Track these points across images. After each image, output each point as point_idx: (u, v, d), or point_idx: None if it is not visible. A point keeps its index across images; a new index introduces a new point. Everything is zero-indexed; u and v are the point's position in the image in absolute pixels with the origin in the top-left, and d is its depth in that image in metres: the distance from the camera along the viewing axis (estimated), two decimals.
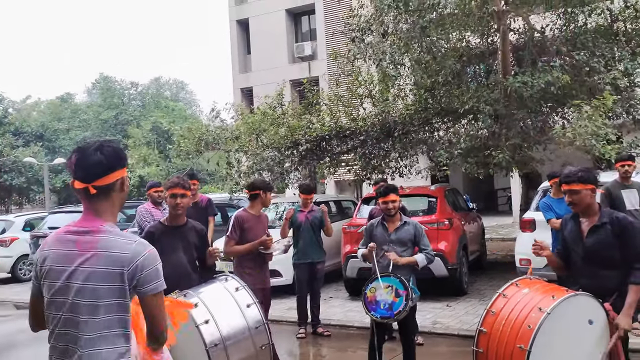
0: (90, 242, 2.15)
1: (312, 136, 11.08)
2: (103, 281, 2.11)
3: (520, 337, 3.13)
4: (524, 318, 3.19)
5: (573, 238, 3.56)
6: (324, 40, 23.12)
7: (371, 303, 4.42)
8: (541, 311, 3.13)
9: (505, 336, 3.22)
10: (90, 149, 2.23)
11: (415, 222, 4.88)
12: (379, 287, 4.39)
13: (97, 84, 44.76)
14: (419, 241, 4.75)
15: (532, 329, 3.09)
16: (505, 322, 3.26)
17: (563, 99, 8.95)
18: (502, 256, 12.29)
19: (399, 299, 4.33)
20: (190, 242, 4.05)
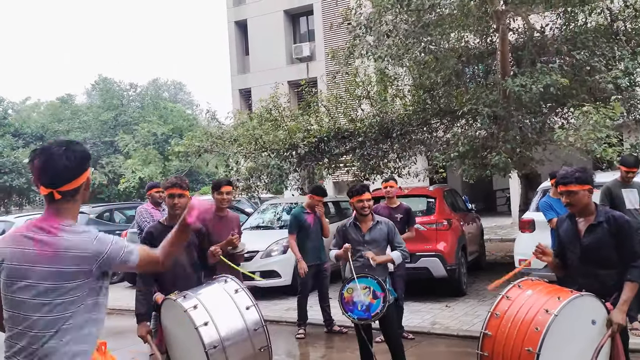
0: (50, 242, 2.13)
1: (310, 140, 11.07)
2: (63, 279, 2.10)
3: (527, 340, 3.10)
4: (531, 320, 3.16)
5: (569, 238, 3.56)
6: (322, 41, 23.13)
7: (348, 304, 4.40)
8: (548, 313, 3.11)
9: (511, 339, 3.18)
10: (55, 153, 2.17)
11: (387, 221, 4.85)
12: (356, 288, 4.37)
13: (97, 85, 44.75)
14: (393, 239, 4.73)
15: (540, 331, 3.07)
16: (511, 325, 3.22)
17: (563, 99, 8.95)
18: (501, 257, 12.29)
19: (377, 300, 4.32)
20: (190, 242, 4.04)
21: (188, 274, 3.99)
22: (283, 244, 9.15)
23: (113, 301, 10.03)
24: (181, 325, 3.55)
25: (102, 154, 35.62)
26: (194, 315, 3.42)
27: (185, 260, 4.00)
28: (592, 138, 7.21)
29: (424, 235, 8.24)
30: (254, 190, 11.88)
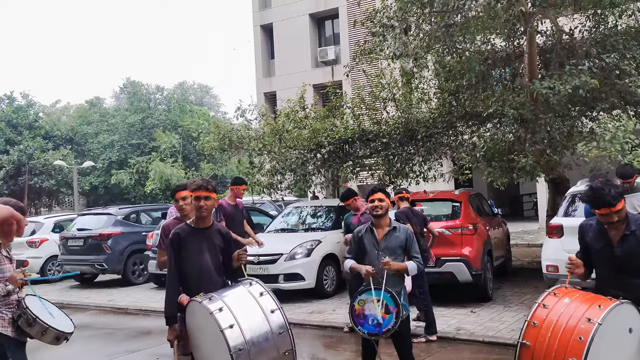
0: None
1: (335, 138, 11.08)
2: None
3: (570, 350, 3.00)
4: (573, 329, 3.05)
5: (601, 247, 3.46)
6: (347, 45, 23.12)
7: (359, 317, 4.15)
8: (591, 322, 3.01)
9: (552, 349, 3.07)
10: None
11: (405, 228, 4.51)
12: (368, 300, 4.13)
13: (125, 88, 45.50)
14: (410, 249, 4.40)
15: (584, 340, 2.97)
16: (551, 335, 3.10)
17: (592, 102, 8.78)
18: (527, 262, 12.11)
19: (389, 315, 4.06)
20: (216, 244, 4.05)
21: (213, 276, 4.01)
22: (307, 247, 9.17)
23: (138, 301, 10.23)
24: (206, 327, 3.57)
25: (129, 156, 36.17)
26: (220, 317, 3.44)
27: (210, 263, 4.02)
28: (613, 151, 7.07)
29: (449, 239, 8.17)
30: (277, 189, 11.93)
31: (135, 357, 6.99)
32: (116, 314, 9.82)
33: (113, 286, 12.28)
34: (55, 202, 38.40)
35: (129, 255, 12.25)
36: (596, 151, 7.33)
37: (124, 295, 11.14)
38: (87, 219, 13.29)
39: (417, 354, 4.70)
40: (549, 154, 8.44)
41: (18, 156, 33.23)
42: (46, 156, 33.66)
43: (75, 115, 45.56)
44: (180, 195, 4.75)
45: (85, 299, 11.07)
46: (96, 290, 12.02)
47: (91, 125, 39.90)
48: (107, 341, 7.99)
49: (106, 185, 36.07)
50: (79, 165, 30.25)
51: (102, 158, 36.39)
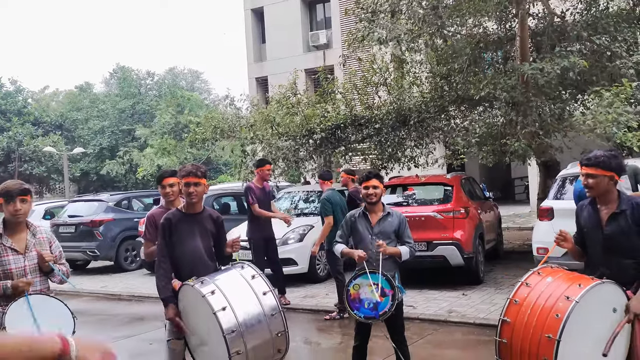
0: None
1: (327, 125, 11.05)
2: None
3: (547, 327, 3.05)
4: (551, 307, 3.10)
5: (592, 226, 3.49)
6: (339, 29, 23.00)
7: (354, 301, 4.13)
8: (569, 300, 3.06)
9: (531, 326, 3.13)
10: None
11: (398, 213, 4.50)
12: (363, 284, 4.12)
13: (115, 74, 45.07)
14: (402, 233, 4.41)
15: (560, 318, 3.02)
16: (531, 312, 3.17)
17: (583, 85, 8.81)
18: (518, 245, 12.21)
19: (385, 298, 4.05)
20: (207, 229, 4.05)
21: (205, 261, 4.00)
22: (299, 232, 9.19)
23: (131, 288, 10.24)
24: (199, 311, 3.58)
25: (120, 142, 35.95)
26: (212, 300, 3.45)
27: (202, 248, 4.02)
28: (610, 121, 7.09)
29: (441, 223, 8.21)
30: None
31: (129, 342, 7.01)
32: (109, 300, 9.82)
33: (106, 273, 12.26)
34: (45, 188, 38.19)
35: (121, 241, 12.22)
36: (590, 122, 7.34)
37: (117, 281, 11.14)
38: (78, 206, 13.23)
39: (409, 337, 4.73)
40: (540, 137, 8.47)
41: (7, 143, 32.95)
42: (36, 142, 33.40)
43: (64, 101, 45.11)
44: (168, 182, 4.64)
45: (78, 286, 11.04)
46: (89, 277, 12.00)
47: (81, 111, 39.55)
48: (102, 327, 8.00)
49: (97, 171, 35.88)
50: (69, 151, 30.04)
51: (92, 144, 36.14)
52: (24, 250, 3.66)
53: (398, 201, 8.89)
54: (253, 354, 3.48)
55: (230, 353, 3.36)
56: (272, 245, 8.07)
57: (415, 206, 8.68)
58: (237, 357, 3.39)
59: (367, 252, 4.30)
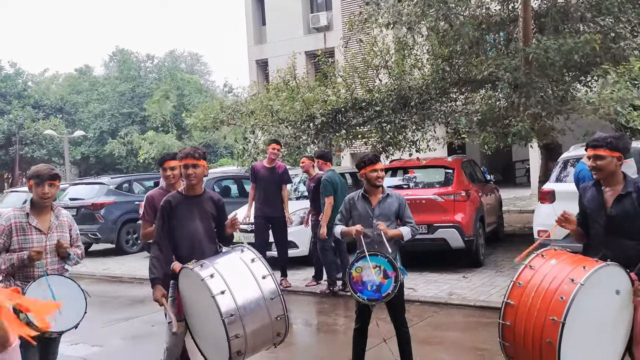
0: None
1: (328, 109, 10.98)
2: None
3: (552, 309, 3.04)
4: (555, 289, 3.09)
5: (595, 207, 3.48)
6: (339, 10, 22.76)
7: (357, 284, 4.13)
8: (574, 282, 3.04)
9: (535, 308, 3.12)
10: None
11: (398, 194, 4.52)
12: (365, 266, 4.11)
13: (114, 56, 44.81)
14: (403, 214, 4.42)
15: (565, 300, 3.01)
16: (535, 294, 3.15)
17: (587, 67, 8.72)
18: (519, 228, 12.21)
19: (388, 280, 4.06)
20: (207, 211, 4.04)
21: (205, 244, 4.00)
22: (300, 215, 9.17)
23: (132, 270, 10.28)
24: (198, 294, 3.58)
25: (120, 125, 35.84)
26: (211, 283, 3.44)
27: (202, 230, 4.01)
28: (615, 100, 7.01)
29: (442, 206, 8.19)
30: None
31: (131, 323, 7.05)
32: (111, 282, 9.86)
33: (107, 255, 12.30)
34: None
35: (122, 224, 12.25)
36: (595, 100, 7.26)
37: (119, 264, 11.17)
38: (80, 189, 13.23)
39: (409, 319, 4.73)
40: (543, 119, 8.40)
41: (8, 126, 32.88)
42: (37, 126, 33.32)
43: (64, 84, 44.90)
44: (169, 165, 4.66)
45: (80, 268, 11.06)
46: (91, 260, 12.03)
47: (81, 95, 39.40)
48: (104, 309, 8.04)
49: (98, 155, 35.85)
50: (70, 134, 29.98)
51: (93, 127, 36.05)
52: (47, 231, 3.98)
53: (399, 184, 8.87)
54: (252, 338, 3.48)
55: (229, 337, 3.35)
56: (277, 226, 7.99)
57: (416, 189, 8.66)
58: (236, 341, 3.39)
59: (367, 238, 4.28)
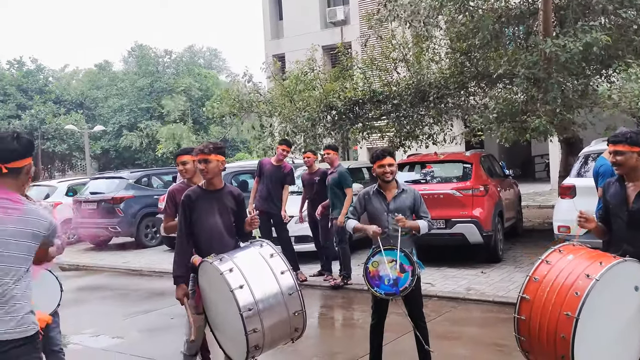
0: (17, 209, 2.58)
1: (346, 99, 10.97)
2: (28, 238, 2.58)
3: (566, 304, 3.04)
4: (571, 285, 3.08)
5: (618, 202, 3.46)
6: (356, 4, 22.67)
7: (374, 278, 4.14)
8: (589, 278, 3.03)
9: (549, 303, 3.12)
10: (7, 137, 2.65)
11: (413, 189, 4.48)
12: (382, 261, 4.13)
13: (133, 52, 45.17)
14: (419, 209, 4.41)
15: (580, 295, 3.00)
16: (550, 289, 3.15)
17: (608, 60, 8.58)
18: (538, 223, 12.10)
19: (405, 274, 4.07)
20: (227, 206, 4.08)
21: (224, 238, 4.03)
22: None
23: (152, 264, 10.40)
24: (217, 288, 3.61)
25: (138, 119, 36.17)
26: (230, 278, 3.47)
27: (221, 225, 4.04)
28: (637, 95, 6.90)
29: (460, 201, 8.15)
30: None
31: (150, 316, 7.14)
32: (131, 275, 10.00)
33: (127, 249, 12.47)
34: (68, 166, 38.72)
35: (141, 218, 12.39)
36: (615, 97, 7.15)
37: (138, 257, 11.32)
38: (100, 183, 13.41)
39: (427, 314, 4.73)
40: (562, 113, 8.29)
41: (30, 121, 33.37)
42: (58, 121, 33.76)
43: (84, 79, 45.41)
44: (181, 160, 4.80)
45: (100, 261, 11.26)
46: (110, 253, 12.22)
47: (101, 90, 39.81)
48: (123, 302, 8.16)
49: (117, 148, 36.22)
50: (90, 129, 30.35)
51: (112, 122, 36.42)
52: None
53: (416, 178, 8.84)
54: (270, 333, 3.50)
55: (247, 331, 3.38)
56: (276, 222, 8.03)
57: (434, 184, 8.63)
58: (254, 335, 3.41)
59: (384, 229, 4.29)
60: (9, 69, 36.71)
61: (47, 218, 2.67)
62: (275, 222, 8.01)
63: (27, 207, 2.64)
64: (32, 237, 2.60)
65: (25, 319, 2.53)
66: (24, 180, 2.74)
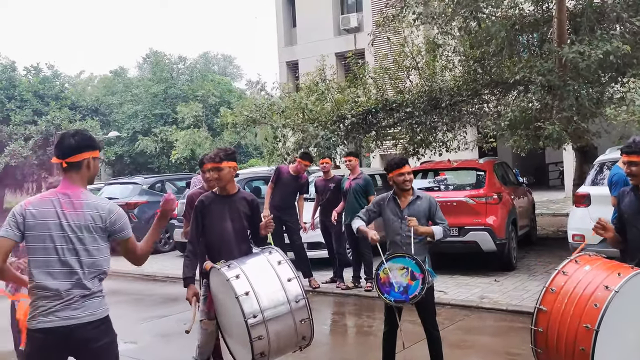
0: (77, 203, 2.77)
1: (358, 110, 11.00)
2: (89, 231, 2.77)
3: (585, 316, 3.01)
4: (589, 296, 3.05)
5: (633, 212, 3.43)
6: (370, 12, 22.71)
7: (384, 285, 4.12)
8: (608, 289, 3.00)
9: (568, 315, 3.09)
10: (67, 135, 2.87)
11: (428, 196, 4.48)
12: (392, 268, 4.12)
13: (148, 58, 45.61)
14: (434, 215, 4.40)
15: (599, 307, 2.97)
16: (568, 301, 3.11)
17: (623, 68, 8.52)
18: (552, 232, 12.00)
19: (415, 282, 4.05)
20: (240, 211, 4.10)
21: (234, 243, 4.04)
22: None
23: (165, 269, 10.46)
24: (225, 294, 3.64)
25: (152, 125, 36.42)
26: (236, 284, 3.49)
27: (232, 230, 4.06)
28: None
29: (474, 208, 8.12)
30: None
31: (165, 321, 7.18)
32: (145, 280, 10.06)
33: None
34: None
35: None
36: (625, 115, 7.11)
37: (152, 262, 11.35)
38: (114, 188, 13.54)
39: (440, 322, 4.71)
40: (576, 121, 8.24)
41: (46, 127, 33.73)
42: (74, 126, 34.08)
43: (99, 85, 45.92)
44: (207, 167, 4.79)
45: (113, 266, 11.28)
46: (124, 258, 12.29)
47: (115, 96, 40.17)
48: (138, 307, 8.21)
49: (131, 154, 36.47)
50: (105, 135, 30.63)
51: (126, 128, 36.69)
52: None
53: (430, 186, 8.82)
54: (276, 340, 3.49)
55: (252, 338, 3.37)
56: (290, 230, 8.04)
57: (447, 191, 8.60)
58: (259, 342, 3.40)
59: (397, 236, 4.31)
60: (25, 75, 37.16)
61: (103, 209, 2.81)
62: (288, 229, 8.02)
63: (85, 201, 2.78)
64: (90, 230, 2.76)
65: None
66: (86, 173, 2.87)
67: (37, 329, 2.69)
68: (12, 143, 30.27)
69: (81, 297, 2.74)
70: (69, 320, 2.70)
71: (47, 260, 2.71)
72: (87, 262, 2.76)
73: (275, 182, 8.07)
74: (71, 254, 2.73)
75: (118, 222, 2.87)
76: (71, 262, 2.72)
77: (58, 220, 2.73)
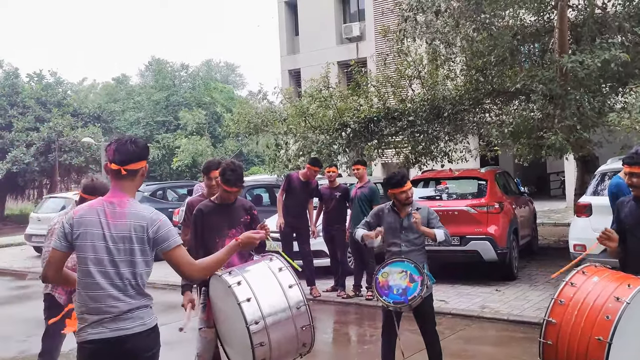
0: (120, 212, 2.70)
1: (360, 118, 11.02)
2: (131, 242, 2.68)
3: (597, 328, 2.97)
4: (600, 308, 3.02)
5: (634, 222, 3.42)
6: (372, 21, 22.81)
7: (383, 288, 4.18)
8: (619, 301, 2.97)
9: (579, 327, 3.04)
10: (126, 141, 2.83)
11: (426, 207, 4.59)
12: (391, 272, 4.18)
13: (150, 66, 45.78)
14: (434, 225, 4.46)
15: (611, 319, 2.93)
16: (578, 313, 3.07)
17: (625, 78, 8.53)
18: (554, 241, 11.96)
19: (414, 284, 4.10)
20: (239, 219, 4.11)
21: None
22: None
23: (165, 277, 10.41)
24: (225, 301, 3.62)
25: (154, 133, 36.52)
26: (237, 291, 3.48)
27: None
28: None
29: (475, 218, 8.10)
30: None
31: (165, 329, 7.08)
32: None
33: None
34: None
35: None
36: (627, 121, 7.11)
37: (152, 270, 11.34)
38: None
39: (441, 332, 4.69)
40: (578, 131, 8.24)
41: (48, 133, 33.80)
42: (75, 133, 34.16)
43: (102, 92, 46.09)
44: (215, 175, 4.67)
45: None
46: None
47: (118, 103, 40.30)
48: None
49: None
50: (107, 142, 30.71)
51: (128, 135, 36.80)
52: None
53: (431, 195, 8.81)
54: (277, 347, 3.48)
55: (254, 344, 3.36)
56: (301, 237, 8.05)
57: (448, 200, 8.59)
58: (261, 349, 3.39)
59: (395, 248, 4.38)
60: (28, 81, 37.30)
61: (145, 218, 2.71)
62: (299, 237, 8.02)
63: (129, 210, 2.72)
64: (132, 241, 2.68)
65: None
66: (140, 182, 2.87)
67: (87, 341, 2.64)
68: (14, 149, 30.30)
69: (128, 310, 2.67)
70: (118, 332, 2.65)
71: (89, 270, 2.65)
72: (127, 274, 2.67)
73: (286, 190, 8.05)
74: (112, 265, 2.65)
75: (160, 231, 2.73)
76: (111, 273, 2.65)
77: (101, 231, 2.66)
